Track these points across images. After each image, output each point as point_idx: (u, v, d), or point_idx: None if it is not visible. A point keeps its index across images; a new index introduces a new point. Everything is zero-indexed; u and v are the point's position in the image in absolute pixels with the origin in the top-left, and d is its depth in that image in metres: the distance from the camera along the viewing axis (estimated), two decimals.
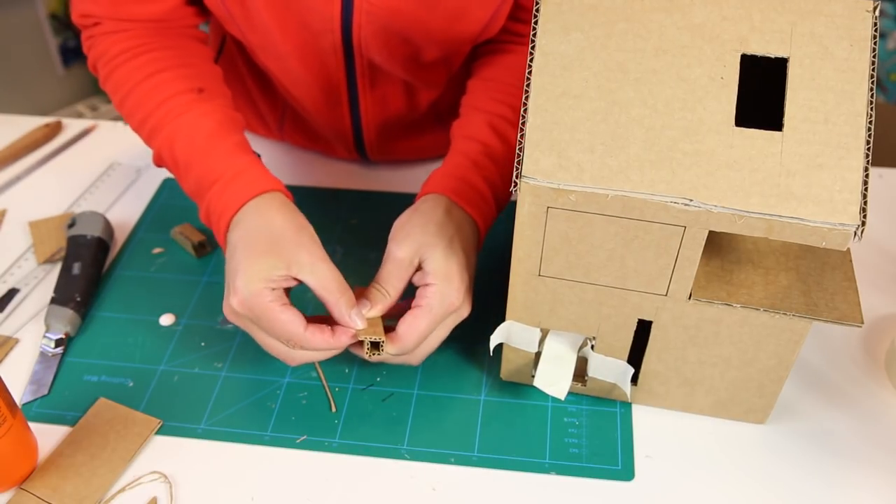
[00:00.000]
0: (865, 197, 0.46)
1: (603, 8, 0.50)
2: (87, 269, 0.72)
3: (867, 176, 0.46)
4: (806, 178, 0.46)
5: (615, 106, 0.49)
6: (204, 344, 0.68)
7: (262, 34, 0.73)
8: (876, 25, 0.47)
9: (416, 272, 0.59)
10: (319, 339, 0.56)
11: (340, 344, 0.57)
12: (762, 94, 0.50)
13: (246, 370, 0.66)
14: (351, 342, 0.58)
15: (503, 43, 0.75)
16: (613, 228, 0.50)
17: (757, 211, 0.46)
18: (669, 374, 0.59)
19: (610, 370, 0.60)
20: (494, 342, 0.61)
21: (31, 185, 0.88)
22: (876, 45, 0.47)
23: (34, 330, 0.70)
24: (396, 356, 0.59)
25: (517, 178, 0.49)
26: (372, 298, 0.58)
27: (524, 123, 0.49)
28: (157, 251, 0.78)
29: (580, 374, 0.62)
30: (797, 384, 0.64)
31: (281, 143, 0.92)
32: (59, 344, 0.67)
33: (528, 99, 0.50)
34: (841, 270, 0.55)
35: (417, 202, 0.63)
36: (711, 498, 0.57)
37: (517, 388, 0.64)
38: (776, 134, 0.47)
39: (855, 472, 0.58)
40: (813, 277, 0.54)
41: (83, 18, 0.72)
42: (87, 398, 0.63)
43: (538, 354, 0.61)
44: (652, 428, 0.61)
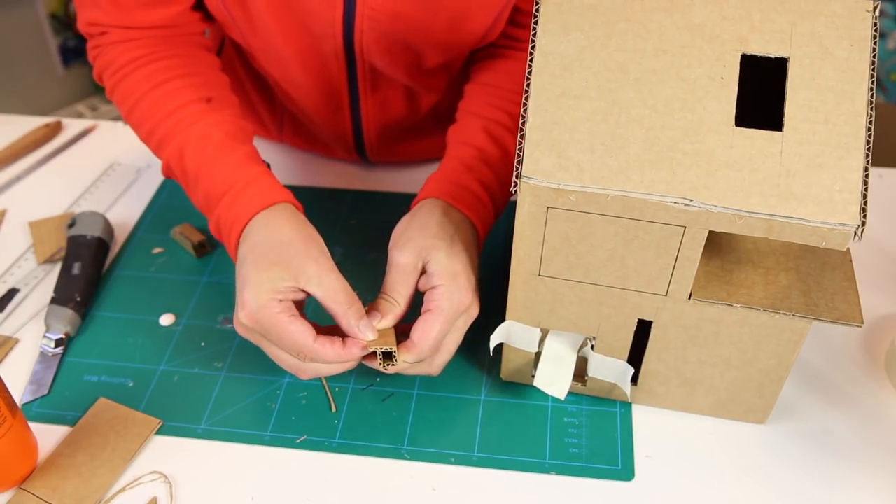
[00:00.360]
0: (865, 197, 0.46)
1: (603, 8, 0.50)
2: (87, 269, 0.72)
3: (867, 176, 0.46)
4: (806, 178, 0.46)
5: (615, 106, 0.49)
6: (204, 344, 0.68)
7: (263, 38, 0.72)
8: (876, 25, 0.47)
9: (420, 277, 0.59)
10: (330, 350, 0.55)
11: (352, 355, 0.56)
12: (762, 94, 0.50)
13: (246, 370, 0.66)
14: (362, 354, 0.57)
15: (502, 48, 0.75)
16: (613, 228, 0.50)
17: (757, 211, 0.46)
18: (669, 374, 0.59)
19: (610, 370, 0.60)
20: (494, 342, 0.61)
21: (31, 185, 0.88)
22: (876, 45, 0.47)
23: (34, 330, 0.70)
24: (414, 365, 0.58)
25: (517, 178, 0.49)
26: (381, 309, 0.57)
27: (524, 123, 0.49)
28: (157, 251, 0.78)
29: (580, 374, 0.62)
30: (797, 384, 0.64)
31: (280, 144, 0.92)
32: (59, 344, 0.67)
33: (528, 99, 0.50)
34: (841, 270, 0.55)
35: (414, 208, 0.63)
36: (711, 498, 0.57)
37: (517, 388, 0.64)
38: (776, 134, 0.47)
39: (855, 472, 0.58)
40: (813, 277, 0.54)
41: (89, 27, 0.71)
42: (87, 398, 0.63)
43: (538, 354, 0.61)
44: (652, 428, 0.61)
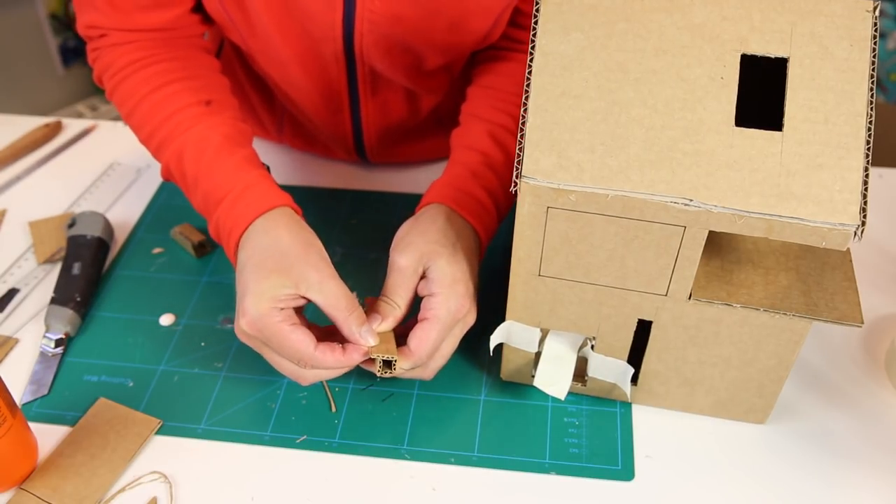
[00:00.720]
0: (865, 197, 0.46)
1: (603, 8, 0.50)
2: (87, 269, 0.72)
3: (867, 176, 0.46)
4: (806, 178, 0.46)
5: (615, 106, 0.49)
6: (204, 344, 0.68)
7: (263, 41, 0.72)
8: (876, 25, 0.47)
9: (420, 281, 0.59)
10: (330, 357, 0.55)
11: (352, 362, 0.56)
12: (762, 94, 0.50)
13: (246, 370, 0.66)
14: (362, 359, 0.57)
15: (503, 49, 0.75)
16: (613, 228, 0.50)
17: (757, 211, 0.46)
18: (669, 374, 0.59)
19: (610, 370, 0.60)
20: (494, 342, 0.61)
21: (31, 185, 0.88)
22: (876, 45, 0.47)
23: (34, 330, 0.70)
24: (409, 370, 0.58)
25: (517, 177, 0.49)
26: (382, 312, 0.58)
27: (524, 123, 0.49)
28: (157, 251, 0.78)
29: (580, 374, 0.62)
30: (797, 384, 0.64)
31: (280, 145, 0.92)
32: (59, 344, 0.67)
33: (528, 99, 0.50)
34: (841, 270, 0.55)
35: (418, 213, 0.63)
36: (711, 498, 0.57)
37: (517, 388, 0.64)
38: (776, 134, 0.47)
39: (855, 472, 0.58)
40: (813, 277, 0.54)
41: (89, 30, 0.71)
42: (87, 398, 0.63)
43: (538, 354, 0.61)
44: (652, 428, 0.61)
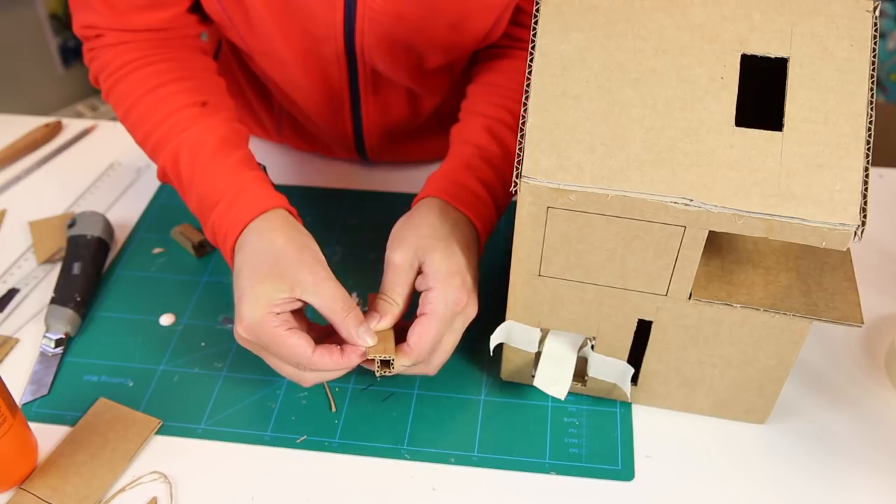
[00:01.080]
0: (865, 197, 0.46)
1: (603, 8, 0.50)
2: (87, 269, 0.72)
3: (867, 176, 0.46)
4: (806, 178, 0.46)
5: (615, 106, 0.49)
6: (204, 344, 0.68)
7: (263, 40, 0.72)
8: (876, 25, 0.47)
9: (417, 276, 0.59)
10: (328, 360, 0.56)
11: (350, 363, 0.56)
12: (762, 94, 0.50)
13: (246, 370, 0.66)
14: (361, 360, 0.57)
15: (504, 48, 0.75)
16: (613, 228, 0.50)
17: (757, 211, 0.46)
18: (669, 374, 0.59)
19: (610, 370, 0.60)
20: (494, 342, 0.61)
21: (31, 185, 0.88)
22: (876, 45, 0.47)
23: (34, 330, 0.70)
24: (411, 367, 0.58)
25: (517, 177, 0.49)
26: (380, 310, 0.58)
27: (524, 123, 0.49)
28: (157, 251, 0.78)
29: (580, 374, 0.62)
30: (797, 384, 0.64)
31: (280, 144, 0.92)
32: (59, 344, 0.67)
33: (528, 99, 0.49)
34: (841, 270, 0.55)
35: (412, 208, 0.63)
36: (711, 498, 0.57)
37: (517, 388, 0.64)
38: (776, 134, 0.47)
39: (855, 472, 0.58)
40: (813, 277, 0.54)
41: (85, 30, 0.71)
42: (87, 398, 0.63)
43: (538, 354, 0.61)
44: (652, 428, 0.61)
